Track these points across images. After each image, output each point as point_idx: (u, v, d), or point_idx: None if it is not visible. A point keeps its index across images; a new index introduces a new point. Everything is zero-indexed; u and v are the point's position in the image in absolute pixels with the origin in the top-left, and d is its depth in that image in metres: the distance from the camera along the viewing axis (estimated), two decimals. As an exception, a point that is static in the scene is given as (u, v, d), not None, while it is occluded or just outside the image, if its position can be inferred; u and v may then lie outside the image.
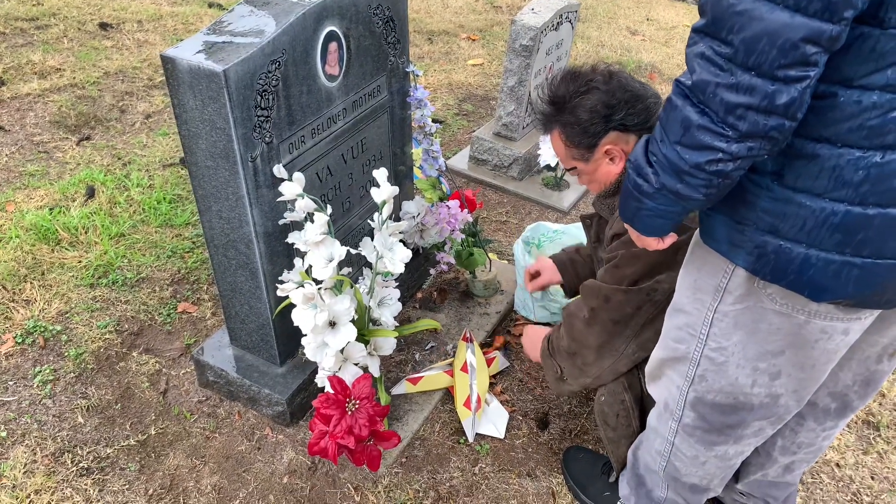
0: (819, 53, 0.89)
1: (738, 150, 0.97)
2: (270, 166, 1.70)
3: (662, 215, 1.15)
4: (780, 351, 1.23)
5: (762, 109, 0.93)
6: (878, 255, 1.04)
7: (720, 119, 0.96)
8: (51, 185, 3.00)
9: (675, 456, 1.54)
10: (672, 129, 1.02)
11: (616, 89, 1.58)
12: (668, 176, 1.06)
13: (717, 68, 0.94)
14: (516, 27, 3.03)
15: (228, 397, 2.13)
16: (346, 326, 1.67)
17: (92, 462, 1.92)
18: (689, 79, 0.98)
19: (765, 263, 1.12)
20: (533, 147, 3.32)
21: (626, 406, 1.74)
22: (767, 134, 0.95)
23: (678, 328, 1.37)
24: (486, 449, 2.04)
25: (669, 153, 1.04)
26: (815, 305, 1.14)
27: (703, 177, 1.02)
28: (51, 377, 2.15)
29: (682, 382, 1.41)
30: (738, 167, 1.00)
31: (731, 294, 1.23)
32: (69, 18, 4.54)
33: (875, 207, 1.00)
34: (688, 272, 1.33)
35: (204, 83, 1.51)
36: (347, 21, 1.80)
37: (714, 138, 0.98)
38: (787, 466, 1.66)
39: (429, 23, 5.32)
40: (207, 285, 2.56)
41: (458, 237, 2.37)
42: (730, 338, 1.27)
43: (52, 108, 3.57)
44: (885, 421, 2.23)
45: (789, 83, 0.90)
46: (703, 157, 1.00)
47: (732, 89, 0.93)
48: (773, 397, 1.31)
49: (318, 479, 1.92)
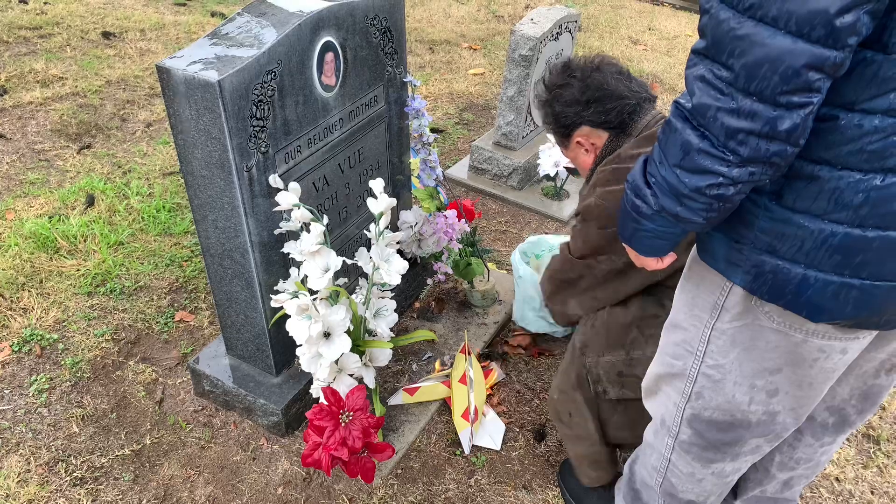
0: (822, 80, 0.87)
1: (739, 174, 0.96)
2: (266, 176, 1.70)
3: (661, 237, 1.14)
4: (777, 369, 1.22)
5: (764, 135, 0.91)
6: (877, 276, 1.03)
7: (721, 143, 0.94)
8: (51, 193, 3.01)
9: (672, 472, 1.53)
10: (671, 152, 1.01)
11: (591, 86, 1.68)
12: (667, 198, 1.05)
13: (718, 92, 0.92)
14: (516, 37, 3.03)
15: (224, 407, 2.12)
16: (340, 337, 1.67)
17: (86, 472, 1.91)
18: (688, 101, 0.97)
19: (762, 283, 1.10)
20: (532, 157, 3.32)
21: (578, 405, 1.79)
22: (769, 160, 0.94)
23: (675, 344, 1.36)
24: (483, 461, 2.03)
25: (669, 176, 1.02)
26: (813, 325, 1.12)
27: (704, 201, 1.01)
28: (47, 386, 2.15)
29: (678, 399, 1.39)
30: (739, 191, 0.99)
31: (728, 312, 1.21)
32: (72, 27, 4.56)
33: (874, 230, 0.99)
34: (685, 289, 1.31)
35: (199, 93, 1.52)
36: (344, 31, 1.80)
37: (714, 162, 0.96)
38: (785, 482, 1.65)
39: (430, 32, 5.33)
40: (205, 294, 2.56)
41: (456, 247, 2.37)
42: (727, 355, 1.26)
43: (53, 116, 3.58)
44: (886, 435, 2.21)
45: (792, 109, 0.89)
46: (704, 181, 0.98)
47: (733, 114, 0.91)
48: (770, 415, 1.30)
49: (312, 490, 1.91)
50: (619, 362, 1.70)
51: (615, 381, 1.72)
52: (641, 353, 1.67)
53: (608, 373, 1.72)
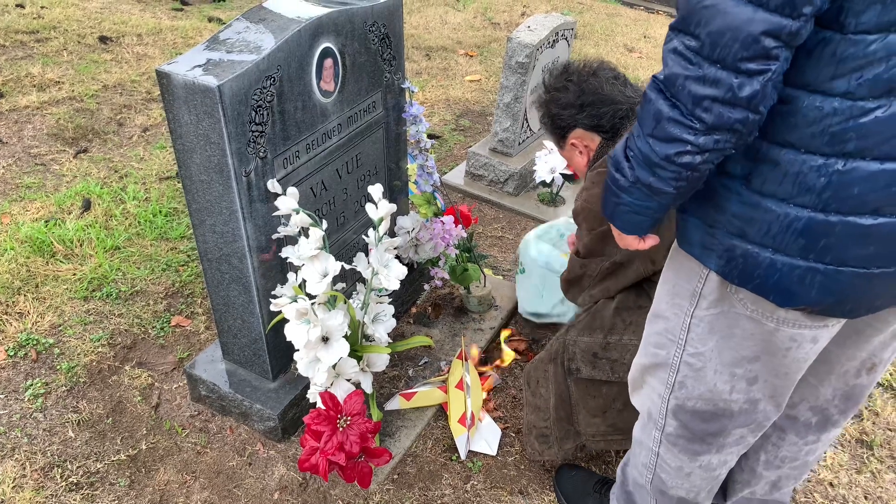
0: (780, 48, 0.91)
1: (705, 142, 0.99)
2: (264, 181, 1.70)
3: (639, 211, 1.16)
4: (755, 357, 1.25)
5: (727, 101, 0.95)
6: (840, 262, 1.06)
7: (689, 111, 0.98)
8: (47, 197, 3.00)
9: (661, 468, 1.54)
10: (646, 122, 1.05)
11: (587, 91, 1.74)
12: (642, 169, 1.08)
13: (687, 62, 0.97)
14: (512, 44, 3.05)
15: (220, 412, 2.12)
16: (338, 342, 1.67)
17: (82, 477, 1.90)
18: (662, 73, 1.01)
19: (733, 267, 1.14)
20: (529, 163, 3.34)
21: (548, 376, 1.89)
22: (732, 126, 0.97)
23: (658, 334, 1.39)
24: (479, 466, 2.03)
25: (643, 146, 1.06)
26: (783, 312, 1.15)
27: (673, 169, 1.04)
28: (42, 391, 2.15)
29: (662, 390, 1.42)
30: (706, 160, 1.02)
31: (705, 299, 1.24)
32: (69, 31, 4.56)
33: (837, 215, 1.02)
34: (666, 279, 1.35)
35: (199, 98, 1.52)
36: (343, 38, 1.81)
37: (683, 130, 1.00)
38: (773, 483, 1.66)
39: (427, 39, 5.35)
40: (201, 299, 2.56)
41: (453, 252, 2.38)
42: (706, 343, 1.28)
43: (50, 120, 3.58)
44: (879, 440, 2.22)
45: (752, 76, 0.93)
46: (673, 148, 1.02)
47: (700, 81, 0.96)
48: (751, 403, 1.33)
49: (309, 495, 1.91)
50: (596, 344, 1.77)
51: (589, 361, 1.78)
52: (618, 338, 1.74)
53: (584, 352, 1.79)
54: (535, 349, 2.46)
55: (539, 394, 1.93)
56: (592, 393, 1.82)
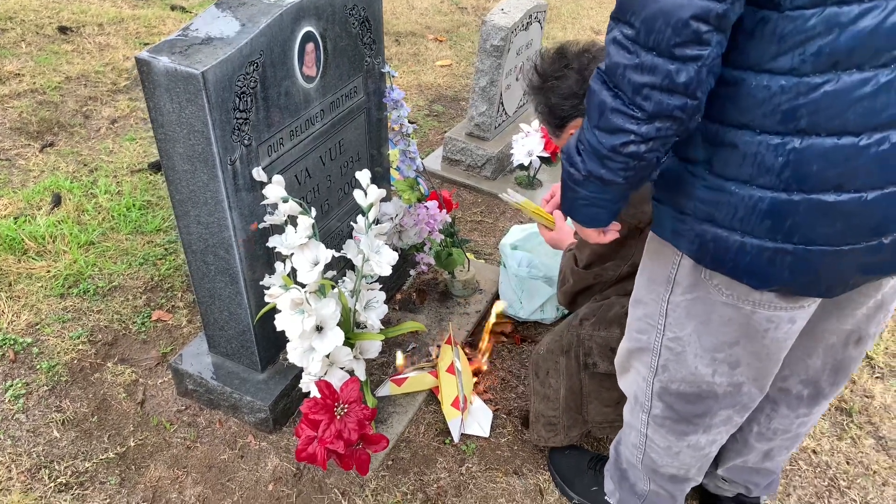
0: (710, 32, 0.92)
1: (648, 131, 1.00)
2: (249, 169, 1.67)
3: (595, 203, 1.16)
4: (734, 341, 1.26)
5: (665, 88, 0.96)
6: (809, 241, 1.06)
7: (630, 100, 0.99)
8: (14, 193, 2.91)
9: (650, 448, 1.57)
10: (592, 114, 1.05)
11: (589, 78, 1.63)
12: (592, 162, 1.08)
13: (626, 51, 0.97)
14: (487, 27, 3.04)
15: (208, 406, 2.09)
16: (333, 330, 1.66)
17: (70, 477, 1.86)
18: (604, 63, 1.02)
19: (705, 252, 1.15)
20: (506, 147, 3.34)
21: (559, 368, 1.87)
22: (672, 113, 0.98)
23: (639, 319, 1.40)
24: (472, 448, 2.04)
25: (591, 138, 1.07)
26: (758, 295, 1.16)
27: (620, 160, 1.05)
28: (23, 391, 2.09)
29: (647, 373, 1.44)
30: (651, 149, 1.03)
31: (679, 285, 1.26)
32: (26, 22, 4.41)
33: (799, 193, 1.02)
34: (644, 265, 1.36)
35: (181, 86, 1.49)
36: (324, 21, 1.78)
37: (626, 120, 1.00)
38: (765, 453, 1.69)
39: (395, 24, 5.30)
40: (182, 292, 2.52)
41: (438, 238, 2.37)
42: (683, 328, 1.30)
43: (12, 114, 3.46)
44: (857, 407, 2.29)
45: (686, 62, 0.94)
46: (618, 139, 1.02)
47: (638, 70, 0.96)
48: (735, 386, 1.34)
49: (304, 485, 1.90)
50: (613, 339, 1.74)
51: (606, 356, 1.77)
52: None
53: (601, 347, 1.77)
54: (520, 331, 2.48)
55: (549, 384, 1.91)
56: (606, 385, 1.81)
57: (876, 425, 2.24)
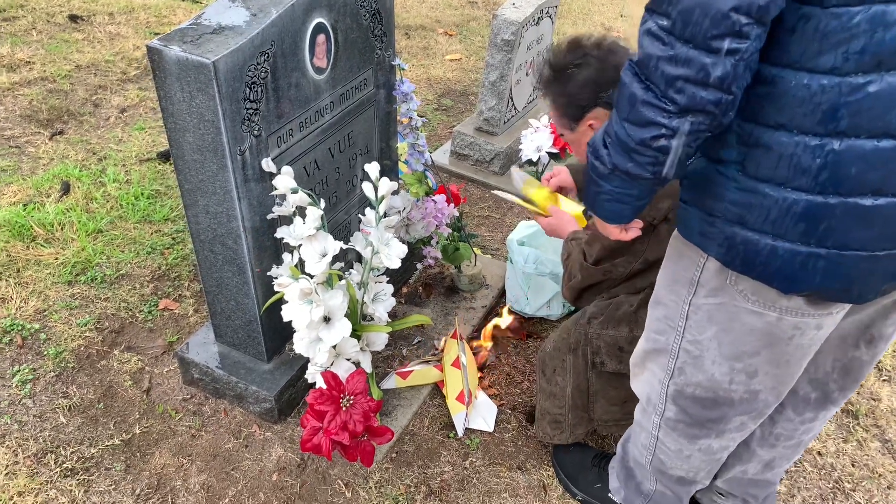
0: (751, 25, 0.90)
1: (679, 124, 0.98)
2: (259, 160, 1.67)
3: (620, 199, 1.15)
4: (755, 351, 1.24)
5: (699, 82, 0.94)
6: (843, 245, 1.03)
7: (662, 93, 0.97)
8: (23, 180, 2.92)
9: (660, 450, 1.56)
10: (621, 107, 1.03)
11: (609, 67, 1.61)
12: (619, 155, 1.07)
13: (660, 42, 0.95)
14: (498, 22, 3.03)
15: (214, 395, 2.10)
16: (340, 321, 1.66)
17: (76, 462, 1.88)
18: (637, 55, 1.00)
19: (735, 255, 1.12)
20: (514, 142, 3.33)
21: (566, 367, 1.85)
22: (705, 108, 0.96)
23: (658, 320, 1.39)
24: (476, 443, 2.05)
25: (619, 131, 1.05)
26: (786, 301, 1.14)
27: (650, 154, 1.03)
28: (30, 377, 2.10)
29: (662, 375, 1.42)
30: (682, 143, 1.01)
31: (703, 287, 1.23)
32: (37, 10, 4.42)
33: (836, 196, 1.00)
34: (666, 265, 1.34)
35: (192, 75, 1.49)
36: (336, 13, 1.78)
37: (657, 113, 0.98)
38: (767, 463, 1.67)
39: (405, 17, 5.29)
40: (189, 282, 2.52)
41: (445, 232, 2.37)
42: (703, 332, 1.28)
43: (22, 101, 3.48)
44: (864, 410, 2.28)
45: (723, 55, 0.91)
46: (648, 132, 1.00)
47: (672, 62, 0.94)
48: (752, 394, 1.33)
49: (308, 475, 1.90)
50: (622, 338, 1.73)
51: (615, 355, 1.75)
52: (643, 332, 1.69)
53: (609, 346, 1.76)
54: (526, 327, 2.48)
55: (555, 381, 1.89)
56: (614, 384, 1.80)
57: (882, 428, 2.23)
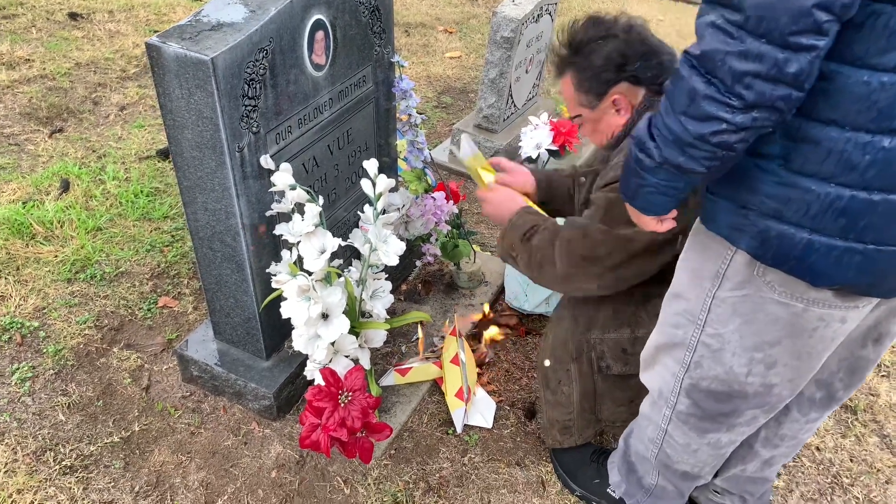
0: (831, 22, 0.88)
1: (743, 120, 0.96)
2: (257, 157, 1.67)
3: (664, 192, 1.14)
4: (776, 341, 1.24)
5: (770, 78, 0.92)
6: (881, 241, 1.04)
7: (727, 89, 0.95)
8: (23, 178, 2.92)
9: (668, 443, 1.56)
10: (678, 100, 1.02)
11: (635, 41, 1.59)
12: (670, 149, 1.05)
13: (728, 36, 0.93)
14: (497, 19, 3.03)
15: (213, 392, 2.10)
16: (338, 318, 1.66)
17: (75, 460, 1.88)
18: (697, 48, 0.97)
19: (767, 248, 1.12)
20: (514, 139, 3.33)
21: (571, 376, 1.82)
22: (774, 104, 0.94)
23: (677, 314, 1.38)
24: (475, 439, 2.05)
25: (673, 124, 1.03)
26: (815, 293, 1.14)
27: (707, 149, 1.01)
28: (29, 374, 2.10)
29: (677, 369, 1.42)
30: (742, 139, 0.99)
31: (729, 280, 1.23)
32: (37, 8, 4.42)
33: (880, 193, 1.00)
34: (688, 258, 1.33)
35: (191, 71, 1.49)
36: (334, 10, 1.78)
37: (719, 108, 0.97)
38: (766, 461, 1.68)
39: (405, 15, 5.29)
40: (188, 279, 2.53)
41: (444, 229, 2.37)
42: (726, 325, 1.28)
43: (22, 99, 3.48)
44: (862, 405, 2.28)
45: (799, 51, 0.90)
46: (708, 127, 0.99)
47: (741, 57, 0.92)
48: (767, 387, 1.33)
49: (306, 472, 1.91)
50: (625, 340, 1.72)
51: (620, 357, 1.74)
52: (646, 331, 1.63)
53: (613, 350, 1.74)
54: (525, 323, 2.48)
55: (560, 391, 1.86)
56: (620, 386, 1.79)
57: (881, 423, 2.23)
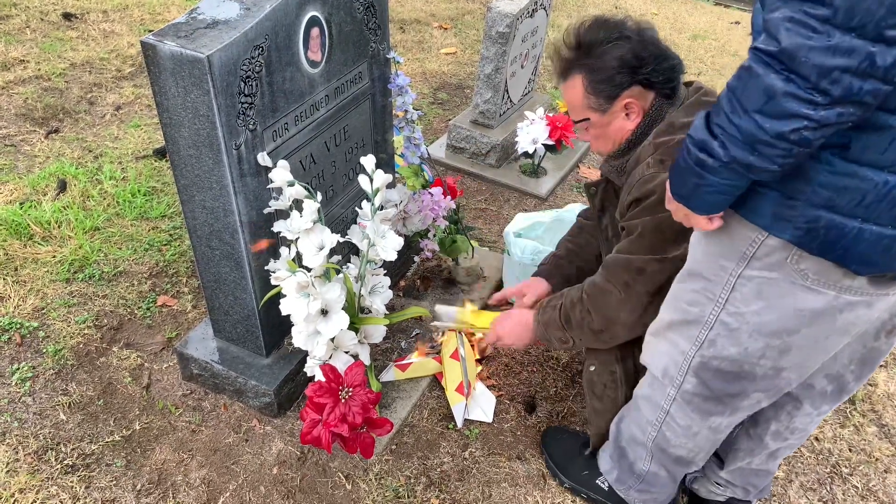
0: None
1: (826, 116, 0.94)
2: (254, 154, 1.68)
3: (724, 191, 1.12)
4: (796, 329, 1.23)
5: (860, 72, 0.90)
6: None
7: (811, 85, 0.93)
8: (20, 178, 2.92)
9: (668, 426, 1.55)
10: (751, 99, 0.99)
11: (648, 43, 1.56)
12: (738, 148, 1.03)
13: (811, 31, 0.90)
14: (492, 14, 3.02)
15: (213, 390, 2.10)
16: (338, 314, 1.67)
17: (77, 459, 1.88)
18: (771, 45, 0.94)
19: (813, 237, 1.10)
20: (510, 134, 3.33)
21: (616, 378, 1.75)
22: (861, 99, 0.92)
23: (694, 291, 1.35)
24: (476, 434, 2.05)
25: (745, 124, 1.00)
26: (850, 281, 1.14)
27: (784, 146, 0.99)
28: (30, 374, 2.11)
29: (688, 347, 1.40)
30: (823, 135, 0.98)
31: (758, 260, 1.20)
32: (31, 8, 4.41)
33: None
34: (710, 239, 1.29)
35: (187, 70, 1.49)
36: (329, 6, 1.78)
37: (801, 105, 0.94)
38: (772, 453, 1.68)
39: (400, 11, 5.29)
40: (187, 278, 2.53)
41: (442, 224, 2.37)
42: (749, 305, 1.26)
43: (17, 100, 3.47)
44: (860, 395, 2.29)
45: (892, 44, 0.88)
46: (788, 125, 0.97)
47: (829, 52, 0.89)
48: (776, 370, 1.32)
49: (308, 468, 1.91)
50: None
51: None
52: None
53: None
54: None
55: (606, 396, 1.79)
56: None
57: (879, 413, 2.24)
